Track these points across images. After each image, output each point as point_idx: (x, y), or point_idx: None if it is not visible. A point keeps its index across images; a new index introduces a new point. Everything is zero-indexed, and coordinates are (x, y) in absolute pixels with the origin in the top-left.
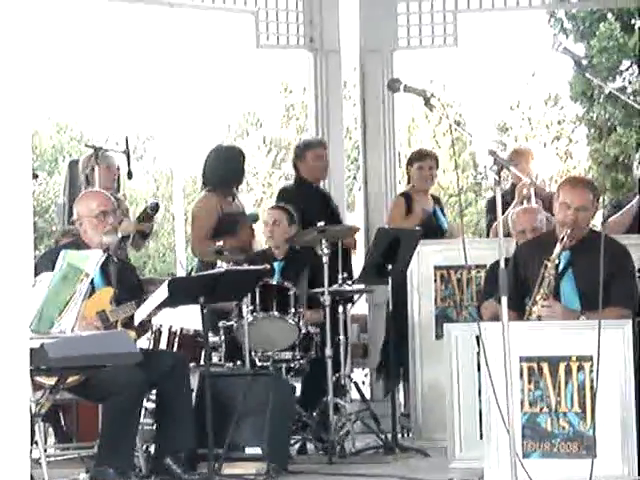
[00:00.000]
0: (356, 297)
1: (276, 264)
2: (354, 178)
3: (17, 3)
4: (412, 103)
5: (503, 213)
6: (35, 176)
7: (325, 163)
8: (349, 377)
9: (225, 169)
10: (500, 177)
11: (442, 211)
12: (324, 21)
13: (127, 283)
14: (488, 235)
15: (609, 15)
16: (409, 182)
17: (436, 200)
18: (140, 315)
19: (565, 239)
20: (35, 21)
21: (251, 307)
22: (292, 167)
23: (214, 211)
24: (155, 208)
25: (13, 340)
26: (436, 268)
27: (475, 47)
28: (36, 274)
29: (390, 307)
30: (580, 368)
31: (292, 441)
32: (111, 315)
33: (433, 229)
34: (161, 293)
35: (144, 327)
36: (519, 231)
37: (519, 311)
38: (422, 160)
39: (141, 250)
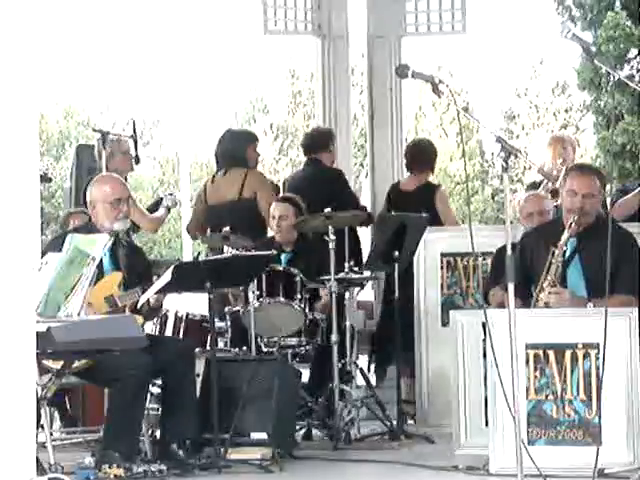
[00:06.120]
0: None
1: (284, 255)
2: (361, 165)
3: None
4: (419, 91)
5: None
6: (49, 179)
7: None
8: (355, 363)
9: (234, 151)
10: (508, 164)
11: None
12: (332, 7)
13: (136, 267)
14: None
15: (616, 4)
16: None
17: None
18: (143, 299)
19: (573, 225)
20: (42, 6)
21: (257, 293)
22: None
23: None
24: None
25: (20, 324)
26: (442, 255)
27: (483, 34)
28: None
29: (396, 294)
30: (586, 355)
31: (297, 427)
32: (119, 300)
33: None
34: (166, 278)
35: (156, 311)
36: (527, 214)
37: (524, 298)
38: None
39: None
